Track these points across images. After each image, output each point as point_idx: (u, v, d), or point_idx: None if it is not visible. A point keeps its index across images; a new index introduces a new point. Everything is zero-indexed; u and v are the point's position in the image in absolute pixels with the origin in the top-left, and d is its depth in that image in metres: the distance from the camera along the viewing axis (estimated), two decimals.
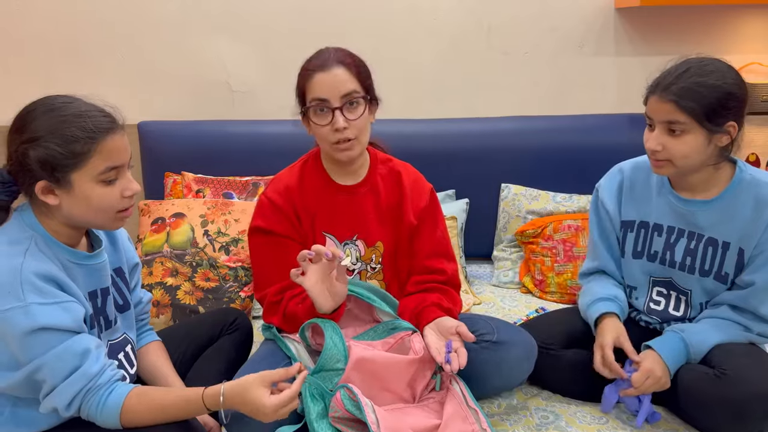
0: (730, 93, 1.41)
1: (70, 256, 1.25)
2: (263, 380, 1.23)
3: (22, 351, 1.14)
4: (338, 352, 1.45)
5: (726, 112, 1.41)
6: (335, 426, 1.36)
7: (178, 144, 2.40)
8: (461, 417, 1.42)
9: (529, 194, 2.36)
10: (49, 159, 1.16)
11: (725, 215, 1.50)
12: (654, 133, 1.46)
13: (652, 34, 2.43)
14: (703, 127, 1.41)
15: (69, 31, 2.42)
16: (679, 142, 1.43)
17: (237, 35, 2.46)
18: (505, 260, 2.36)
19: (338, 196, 1.64)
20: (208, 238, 2.09)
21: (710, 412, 1.42)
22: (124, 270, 1.43)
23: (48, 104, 1.19)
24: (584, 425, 1.52)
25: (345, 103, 1.50)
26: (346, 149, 1.54)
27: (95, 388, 1.19)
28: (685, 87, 1.39)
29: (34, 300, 1.14)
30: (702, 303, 1.58)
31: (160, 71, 2.47)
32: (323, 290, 1.46)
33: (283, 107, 2.45)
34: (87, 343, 1.19)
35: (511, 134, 2.42)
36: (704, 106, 1.39)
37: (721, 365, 1.42)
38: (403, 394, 1.49)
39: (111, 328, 1.35)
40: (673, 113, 1.41)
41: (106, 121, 1.20)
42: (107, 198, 1.21)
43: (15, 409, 1.23)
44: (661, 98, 1.43)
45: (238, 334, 1.67)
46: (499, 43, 2.48)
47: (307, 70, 1.53)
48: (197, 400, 1.22)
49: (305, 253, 1.44)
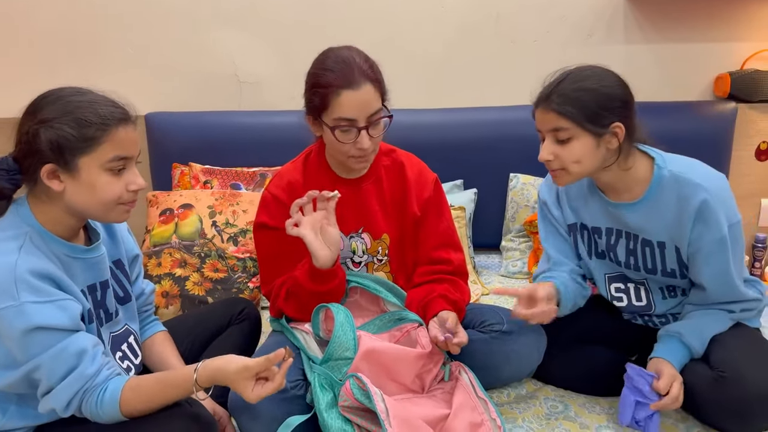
0: (608, 95, 1.39)
1: (67, 250, 1.24)
2: (247, 371, 1.18)
3: (19, 350, 1.14)
4: (347, 341, 1.45)
5: (607, 113, 1.39)
6: (344, 415, 1.37)
7: (185, 135, 2.40)
8: (470, 407, 1.42)
9: (537, 184, 2.34)
10: (60, 140, 1.15)
11: (651, 216, 1.47)
12: (544, 144, 1.45)
13: (661, 21, 2.41)
14: (587, 131, 1.39)
15: (77, 23, 2.42)
16: (568, 149, 1.41)
17: (245, 27, 2.45)
18: (513, 250, 2.35)
19: (342, 190, 1.62)
20: (216, 229, 2.09)
21: (712, 412, 1.42)
22: (123, 262, 1.43)
23: (64, 91, 1.20)
24: (593, 415, 1.51)
25: (370, 122, 1.48)
26: (363, 162, 1.55)
27: (92, 389, 1.18)
28: (563, 94, 1.39)
29: (28, 299, 1.12)
30: (662, 288, 1.56)
31: (169, 63, 2.47)
32: (318, 237, 1.46)
33: (291, 98, 2.48)
34: (84, 343, 1.18)
35: (519, 123, 2.35)
36: (584, 110, 1.38)
37: (719, 366, 1.40)
38: (412, 386, 1.49)
39: (112, 320, 1.35)
40: (556, 121, 1.40)
41: (119, 111, 1.21)
42: (112, 188, 1.21)
43: (20, 405, 1.23)
44: (544, 109, 1.42)
45: (246, 323, 1.67)
46: (507, 32, 2.46)
47: (332, 84, 1.45)
48: (188, 387, 1.21)
49: (298, 201, 1.44)
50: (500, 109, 2.44)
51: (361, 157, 1.53)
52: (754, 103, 2.38)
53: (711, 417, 1.44)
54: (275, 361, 1.20)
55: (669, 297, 1.57)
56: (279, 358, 1.20)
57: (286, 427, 1.36)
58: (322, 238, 1.46)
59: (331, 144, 1.52)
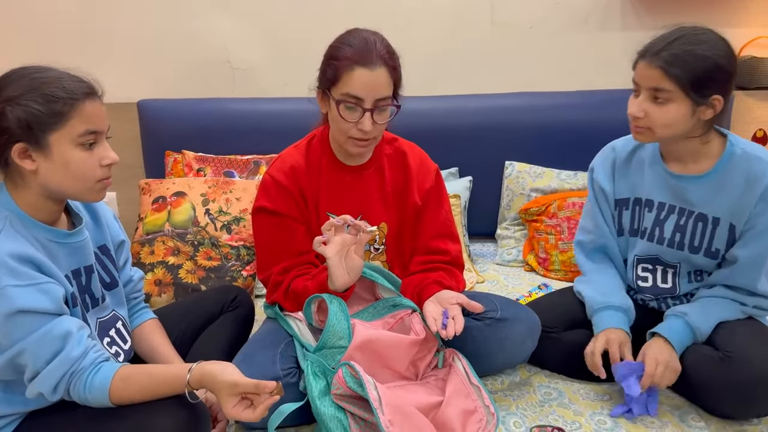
0: (719, 65, 1.37)
1: (48, 234, 1.22)
2: (234, 388, 1.16)
3: (2, 335, 1.12)
4: (342, 329, 1.44)
5: (713, 84, 1.38)
6: (337, 403, 1.36)
7: (178, 122, 2.38)
8: (464, 394, 1.41)
9: (533, 171, 2.33)
10: (28, 117, 1.13)
11: (716, 190, 1.47)
12: (638, 99, 1.43)
13: (658, 7, 2.39)
14: (688, 97, 1.37)
15: (69, 9, 2.39)
16: (662, 111, 1.39)
17: (237, 13, 2.42)
18: (508, 238, 2.34)
19: (344, 176, 1.61)
20: (210, 216, 2.07)
21: (716, 394, 1.41)
22: (109, 247, 1.40)
23: (26, 69, 1.18)
24: (588, 401, 1.51)
25: (377, 106, 1.47)
26: (362, 147, 1.52)
27: (79, 372, 1.17)
28: (675, 53, 1.36)
29: (9, 282, 1.11)
30: (690, 272, 1.56)
31: (161, 49, 2.44)
32: (342, 262, 1.46)
33: (284, 85, 2.46)
34: (68, 326, 1.16)
35: (515, 111, 2.38)
36: (691, 76, 1.36)
37: (726, 347, 1.41)
38: (405, 373, 1.49)
39: (98, 306, 1.33)
40: (660, 80, 1.38)
41: (84, 85, 1.19)
42: (86, 164, 1.19)
43: (7, 391, 1.22)
44: (650, 64, 1.39)
45: (240, 310, 1.65)
46: (502, 18, 2.43)
47: (348, 58, 1.45)
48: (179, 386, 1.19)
49: (334, 221, 1.44)
50: (496, 96, 2.42)
51: (360, 140, 1.50)
52: (750, 90, 2.37)
53: (713, 399, 1.43)
54: (265, 390, 1.16)
55: (695, 281, 1.57)
56: (270, 389, 1.17)
57: (278, 414, 1.35)
58: (346, 263, 1.46)
59: (334, 121, 1.51)
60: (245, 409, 1.17)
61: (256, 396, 1.17)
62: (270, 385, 1.16)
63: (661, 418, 1.45)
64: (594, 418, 1.45)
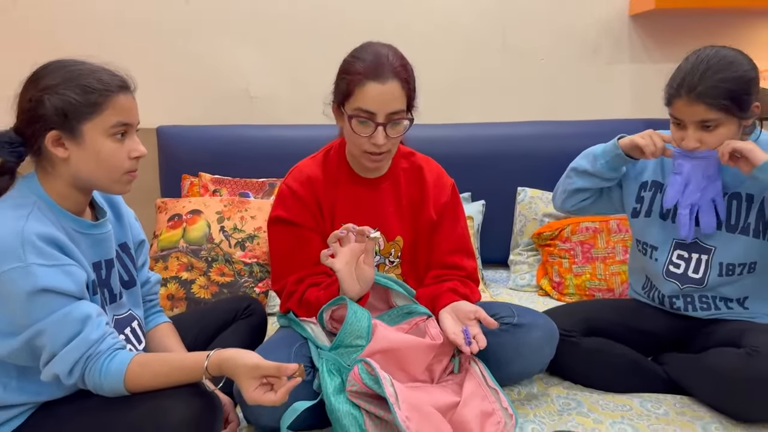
0: (750, 78, 1.47)
1: (73, 224, 1.24)
2: (255, 371, 1.16)
3: (23, 313, 1.13)
4: (360, 328, 1.42)
5: (750, 97, 1.47)
6: (352, 400, 1.34)
7: (195, 147, 2.42)
8: (481, 396, 1.39)
9: (545, 197, 2.34)
10: (65, 106, 1.17)
11: None
12: (689, 132, 1.48)
13: (666, 41, 2.46)
14: (734, 116, 1.45)
15: (97, 37, 2.47)
16: (715, 135, 1.47)
17: (257, 45, 2.50)
18: (522, 263, 2.34)
19: (360, 189, 1.63)
20: (224, 234, 2.09)
21: (741, 392, 1.39)
22: (129, 246, 1.43)
23: (63, 62, 1.23)
24: (608, 411, 1.48)
25: (390, 120, 1.49)
26: (377, 161, 1.54)
27: (95, 355, 1.16)
28: (711, 86, 1.43)
29: (35, 261, 1.12)
30: (722, 263, 1.57)
31: (182, 78, 2.51)
32: (352, 273, 1.45)
33: (298, 112, 2.52)
34: (88, 310, 1.17)
35: (527, 139, 2.42)
36: (734, 100, 1.43)
37: (753, 344, 1.40)
38: (421, 377, 1.46)
39: (116, 302, 1.34)
40: (705, 113, 1.45)
41: (118, 79, 1.24)
42: (116, 154, 1.22)
43: (21, 379, 1.22)
44: (690, 100, 1.45)
45: (253, 318, 1.66)
46: (514, 49, 2.51)
47: (359, 73, 1.47)
48: (197, 373, 1.18)
49: (337, 232, 1.44)
50: (508, 124, 2.47)
51: (374, 155, 1.52)
52: (764, 121, 2.40)
53: (738, 400, 1.41)
54: (286, 373, 1.16)
55: (725, 275, 1.57)
56: (291, 371, 1.16)
57: (292, 411, 1.33)
58: (356, 273, 1.46)
59: (348, 135, 1.53)
60: (266, 392, 1.15)
61: (276, 380, 1.16)
62: (291, 368, 1.15)
63: (683, 427, 1.41)
64: (615, 427, 1.41)
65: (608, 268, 2.13)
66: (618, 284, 2.11)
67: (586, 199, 1.73)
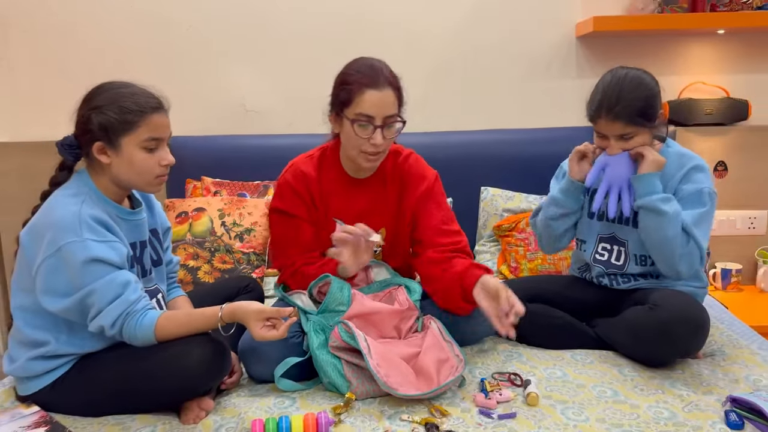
0: (655, 92, 1.80)
1: (116, 210, 1.54)
2: (260, 314, 1.46)
3: (78, 277, 1.42)
4: (342, 297, 1.74)
5: (657, 108, 1.80)
6: (334, 353, 1.65)
7: (198, 155, 2.72)
8: (438, 347, 1.70)
9: (505, 195, 2.67)
10: (106, 123, 1.47)
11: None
12: (612, 143, 1.81)
13: (608, 59, 2.80)
14: (646, 127, 1.78)
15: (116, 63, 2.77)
16: (632, 143, 1.80)
17: (253, 65, 2.82)
18: (485, 253, 2.66)
19: (350, 187, 1.88)
20: (225, 228, 2.41)
21: (645, 338, 1.70)
22: (158, 231, 1.73)
23: (113, 84, 1.53)
24: (543, 360, 1.79)
25: (386, 123, 1.71)
26: (373, 160, 1.78)
27: (133, 313, 1.45)
28: (626, 105, 1.75)
29: (89, 237, 1.42)
30: (636, 255, 1.89)
31: (185, 95, 2.80)
32: (353, 262, 1.76)
33: (289, 124, 2.85)
34: (128, 277, 1.47)
35: (490, 144, 2.73)
36: (644, 115, 1.77)
37: (654, 301, 1.73)
38: (390, 334, 1.78)
39: (146, 277, 1.64)
40: (624, 128, 1.78)
41: (154, 101, 1.52)
42: (146, 163, 1.50)
43: (70, 334, 1.51)
44: (609, 120, 1.78)
45: (253, 293, 1.95)
46: (477, 69, 2.85)
47: (359, 82, 1.67)
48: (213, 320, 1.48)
49: (341, 235, 1.72)
50: (473, 132, 2.79)
51: (371, 154, 1.74)
52: (689, 126, 2.75)
53: (644, 344, 1.71)
54: (284, 314, 1.48)
55: (640, 264, 1.89)
56: (287, 313, 1.49)
57: (284, 364, 1.63)
58: (356, 261, 1.77)
59: (348, 138, 1.74)
60: (270, 330, 1.46)
61: (278, 321, 1.47)
62: (287, 310, 1.48)
63: (603, 371, 1.73)
64: (547, 371, 1.72)
65: (556, 254, 2.46)
66: (564, 267, 2.43)
67: (569, 230, 2.00)
